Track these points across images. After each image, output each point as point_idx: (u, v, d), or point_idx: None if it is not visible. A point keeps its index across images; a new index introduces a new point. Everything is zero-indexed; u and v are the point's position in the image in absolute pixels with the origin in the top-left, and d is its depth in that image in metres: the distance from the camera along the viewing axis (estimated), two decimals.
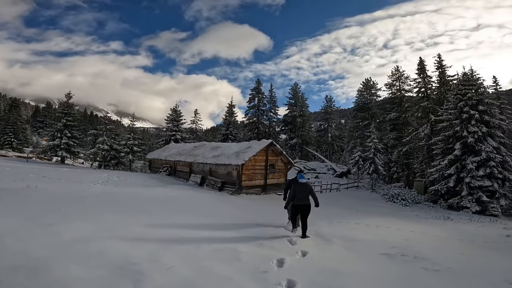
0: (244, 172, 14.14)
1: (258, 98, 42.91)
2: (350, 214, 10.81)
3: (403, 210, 16.43)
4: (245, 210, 9.22)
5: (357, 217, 9.91)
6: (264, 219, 7.89)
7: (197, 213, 7.36)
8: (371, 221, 8.85)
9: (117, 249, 3.93)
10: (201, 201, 9.25)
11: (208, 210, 8.22)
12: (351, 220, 8.93)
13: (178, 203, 8.50)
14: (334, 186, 23.16)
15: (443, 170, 22.00)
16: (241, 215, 8.03)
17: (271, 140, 16.09)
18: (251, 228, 6.44)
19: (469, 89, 22.19)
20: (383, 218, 10.10)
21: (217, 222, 6.74)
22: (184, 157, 18.01)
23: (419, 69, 30.93)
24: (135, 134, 26.49)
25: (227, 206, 9.26)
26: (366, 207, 14.63)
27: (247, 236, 5.52)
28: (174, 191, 10.95)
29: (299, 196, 6.21)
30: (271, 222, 7.57)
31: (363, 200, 19.23)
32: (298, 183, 6.38)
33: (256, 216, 8.24)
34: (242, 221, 7.12)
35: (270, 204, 11.80)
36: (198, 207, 8.25)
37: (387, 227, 7.87)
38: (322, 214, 10.09)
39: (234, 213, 8.26)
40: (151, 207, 7.53)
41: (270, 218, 8.28)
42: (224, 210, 8.64)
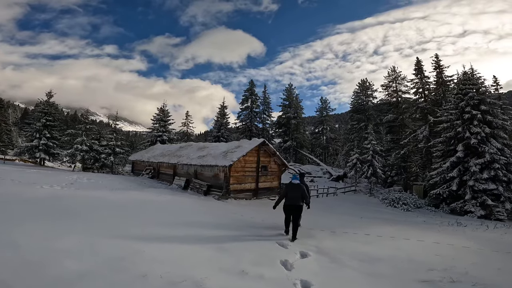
0: (233, 174, 12.53)
1: (252, 100, 41.52)
2: (354, 221, 9.34)
3: (407, 215, 15.04)
4: (229, 218, 7.62)
5: (362, 225, 8.44)
6: (251, 230, 6.35)
7: (155, 225, 5.67)
8: (381, 231, 7.40)
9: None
10: (173, 208, 7.48)
11: (178, 220, 6.53)
12: (357, 229, 7.44)
13: (140, 210, 6.83)
14: (330, 190, 21.73)
15: (445, 173, 20.94)
16: (223, 224, 6.47)
17: (263, 139, 14.56)
18: (231, 243, 4.88)
19: (470, 88, 21.26)
20: (393, 226, 8.67)
21: (182, 238, 5.11)
22: (167, 158, 16.31)
23: (416, 70, 30.11)
24: (118, 134, 24.68)
25: (205, 214, 7.62)
26: (368, 213, 13.18)
27: (222, 261, 3.95)
28: (147, 195, 9.29)
29: (290, 196, 6.27)
30: (260, 233, 6.05)
31: (363, 205, 17.81)
32: (290, 183, 6.45)
33: (241, 226, 6.68)
34: (221, 233, 5.56)
35: (261, 210, 10.24)
36: (164, 216, 6.56)
37: (406, 238, 6.39)
38: (322, 223, 8.61)
39: (212, 223, 6.66)
40: (99, 214, 5.88)
41: (260, 227, 6.75)
42: (200, 218, 7.02)
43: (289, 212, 6.28)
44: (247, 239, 5.51)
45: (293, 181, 6.44)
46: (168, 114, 28.38)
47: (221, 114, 38.25)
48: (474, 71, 23.12)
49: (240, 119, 41.46)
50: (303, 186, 6.54)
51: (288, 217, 6.36)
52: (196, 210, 7.78)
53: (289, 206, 6.25)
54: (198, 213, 7.33)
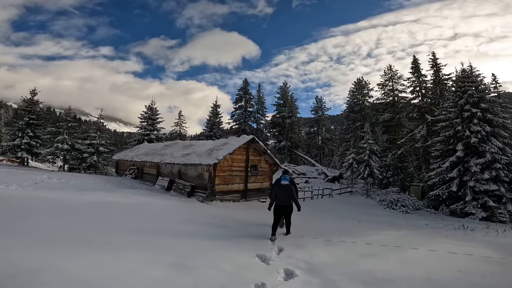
0: (218, 174, 11.40)
1: (246, 99, 40.43)
2: (351, 226, 8.29)
3: (407, 218, 14.05)
4: (207, 223, 6.51)
5: (361, 231, 7.40)
6: (229, 239, 5.26)
7: (101, 232, 4.52)
8: (384, 238, 6.35)
9: None
10: (139, 212, 6.27)
11: (137, 226, 5.37)
12: (356, 236, 6.40)
13: (94, 214, 5.65)
14: (326, 191, 20.71)
15: (444, 174, 20.17)
16: (195, 231, 5.36)
17: (253, 136, 13.48)
18: (197, 257, 3.78)
19: (469, 86, 20.56)
20: (395, 231, 7.64)
21: (130, 250, 3.99)
22: (151, 157, 15.11)
23: (413, 68, 29.47)
24: (103, 133, 23.37)
25: (178, 219, 6.49)
26: (366, 216, 12.14)
27: (173, 286, 2.84)
28: (116, 197, 8.12)
29: (280, 198, 6.27)
30: (240, 242, 4.99)
31: (360, 207, 16.81)
32: (280, 184, 6.42)
33: (217, 234, 5.58)
34: (188, 243, 4.45)
35: (248, 214, 9.17)
36: (121, 222, 5.38)
37: (414, 247, 5.33)
38: (315, 228, 7.53)
39: (181, 230, 5.55)
40: (33, 219, 4.74)
41: (241, 235, 5.68)
42: (169, 224, 5.90)
43: (280, 213, 6.25)
44: (220, 250, 4.42)
45: (282, 181, 6.41)
46: (157, 113, 27.12)
47: (213, 114, 37.02)
48: (473, 69, 22.55)
49: (233, 119, 40.34)
50: (292, 187, 6.41)
51: (277, 221, 6.21)
52: (169, 214, 6.65)
53: (279, 206, 6.23)
54: (169, 218, 6.21)
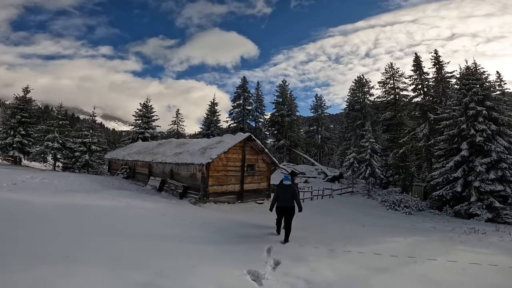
0: (212, 174, 10.67)
1: (244, 97, 39.65)
2: (356, 232, 7.58)
3: (412, 220, 13.37)
4: (194, 229, 5.77)
5: (367, 237, 6.69)
6: (218, 249, 4.55)
7: (44, 244, 3.81)
8: (394, 247, 5.64)
9: None
10: (114, 218, 5.42)
11: (106, 233, 4.63)
12: (362, 244, 5.69)
13: (64, 222, 4.89)
14: (326, 192, 20.01)
15: (448, 173, 19.56)
16: (177, 239, 4.64)
17: (249, 133, 12.75)
18: (170, 274, 3.07)
19: (474, 83, 19.96)
20: (405, 237, 6.92)
21: (80, 267, 3.27)
22: (142, 156, 14.36)
23: (415, 66, 28.76)
24: (95, 130, 22.57)
25: (159, 224, 5.75)
26: (369, 218, 11.44)
27: None
28: (97, 199, 7.34)
29: (282, 198, 6.19)
30: (231, 251, 4.27)
31: (362, 208, 16.12)
32: (281, 185, 6.31)
33: (204, 241, 4.87)
34: (163, 256, 3.74)
35: (244, 217, 8.46)
36: (86, 230, 4.63)
37: (431, 258, 4.62)
38: (316, 234, 6.79)
39: (162, 237, 4.82)
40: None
41: (234, 242, 4.96)
42: (146, 230, 5.16)
43: (282, 214, 6.17)
44: (204, 264, 3.71)
45: (284, 182, 6.29)
46: (152, 110, 26.26)
47: (211, 112, 36.18)
48: (478, 66, 22.02)
49: (231, 117, 39.58)
50: (294, 187, 6.35)
51: (280, 218, 6.25)
52: (153, 219, 5.90)
53: (281, 208, 6.16)
54: (152, 224, 5.46)
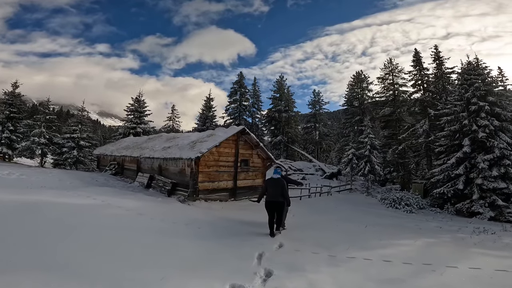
0: (202, 170, 9.88)
1: (241, 92, 38.82)
2: (358, 232, 6.85)
3: (414, 219, 12.71)
4: (175, 233, 5.00)
5: (372, 239, 5.97)
6: (199, 260, 3.80)
7: None
8: (404, 251, 4.93)
9: None
10: (84, 222, 4.69)
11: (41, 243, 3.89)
12: (367, 248, 4.98)
13: (18, 223, 4.11)
14: (324, 189, 19.32)
15: (449, 170, 19.00)
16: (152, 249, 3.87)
17: (243, 126, 11.96)
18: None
19: (475, 78, 19.46)
20: (414, 239, 6.19)
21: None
22: (130, 151, 13.52)
23: (415, 61, 28.16)
24: (84, 125, 21.65)
25: (133, 229, 4.96)
26: (370, 217, 10.74)
27: None
28: (76, 197, 6.47)
29: (270, 192, 5.96)
30: (217, 261, 3.53)
31: (361, 206, 15.44)
32: (271, 178, 6.15)
33: (184, 247, 4.11)
34: (124, 272, 2.99)
35: (236, 216, 7.72)
36: (56, 235, 3.80)
37: (451, 265, 3.91)
38: (314, 235, 6.05)
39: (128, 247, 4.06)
40: None
41: (222, 249, 4.21)
42: (112, 233, 4.39)
43: (271, 209, 5.92)
44: (178, 277, 2.98)
45: (274, 175, 6.11)
46: (144, 105, 25.34)
47: (206, 107, 35.29)
48: (480, 61, 21.54)
49: (228, 113, 38.72)
50: (283, 181, 6.11)
51: (271, 217, 5.92)
52: (129, 220, 5.13)
53: (269, 202, 5.92)
54: (127, 226, 4.69)
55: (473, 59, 21.10)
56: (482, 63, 21.43)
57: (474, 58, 21.23)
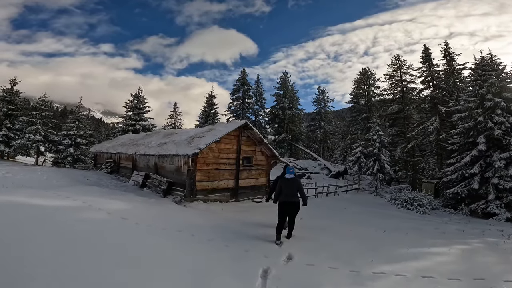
0: (201, 168, 9.01)
1: (243, 90, 37.97)
2: (378, 238, 5.91)
3: (431, 221, 11.73)
4: (166, 247, 4.14)
5: (397, 247, 5.02)
6: (192, 280, 2.95)
7: None
8: (442, 262, 4.03)
9: None
10: (51, 230, 3.89)
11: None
12: (397, 260, 4.09)
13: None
14: (331, 188, 18.38)
15: (463, 169, 18.15)
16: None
17: (245, 121, 11.07)
18: None
19: (490, 74, 18.73)
20: (444, 245, 5.26)
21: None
22: (126, 148, 12.68)
23: (424, 57, 27.30)
24: (81, 122, 20.92)
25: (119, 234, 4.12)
26: (386, 220, 9.80)
27: None
28: (55, 197, 5.61)
29: (286, 192, 5.40)
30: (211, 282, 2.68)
31: (371, 207, 14.51)
32: (285, 178, 5.63)
33: (177, 267, 3.26)
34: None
35: (239, 219, 6.87)
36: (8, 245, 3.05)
37: (508, 280, 3.05)
38: (328, 245, 5.13)
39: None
40: None
41: (220, 260, 3.36)
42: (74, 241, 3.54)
43: (286, 210, 5.36)
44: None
45: (287, 175, 5.64)
46: (144, 101, 24.54)
47: (208, 104, 34.42)
48: (493, 56, 20.82)
49: (230, 111, 37.90)
50: (299, 180, 5.70)
51: (282, 219, 5.34)
52: (102, 225, 4.22)
53: (285, 203, 5.36)
54: (97, 232, 3.81)
55: (487, 55, 20.47)
56: (496, 59, 20.96)
57: (487, 54, 20.64)
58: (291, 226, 5.43)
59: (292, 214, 5.41)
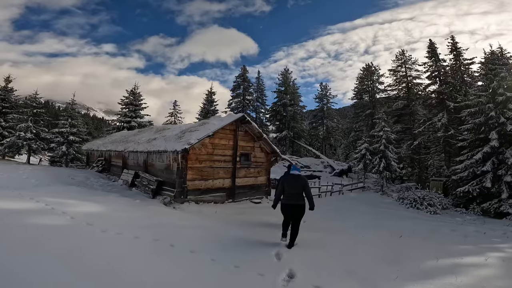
0: (193, 166, 8.12)
1: (244, 86, 37.10)
2: (396, 245, 4.96)
3: (444, 222, 10.78)
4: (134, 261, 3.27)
5: (421, 255, 4.07)
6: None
7: None
8: (484, 276, 3.17)
9: None
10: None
11: None
12: (425, 273, 3.20)
13: None
14: (335, 187, 17.45)
15: (474, 167, 17.23)
16: None
17: (243, 114, 10.17)
18: None
19: (501, 68, 18.07)
20: (477, 253, 4.36)
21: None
22: (115, 145, 11.83)
23: (429, 52, 26.37)
24: (74, 120, 20.07)
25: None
26: (397, 222, 8.88)
27: None
28: (11, 200, 4.89)
29: (290, 192, 4.69)
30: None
31: (379, 207, 13.59)
32: (289, 175, 4.98)
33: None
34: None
35: (234, 223, 6.01)
36: None
37: None
38: (339, 254, 4.32)
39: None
40: None
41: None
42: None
43: (289, 213, 4.71)
44: None
45: (292, 171, 4.94)
46: (140, 98, 23.69)
47: (208, 101, 33.58)
48: (504, 51, 20.15)
49: (231, 108, 37.00)
50: (305, 179, 4.88)
51: (288, 219, 4.79)
52: (44, 239, 3.39)
53: (288, 206, 4.69)
54: (38, 245, 2.98)
55: (497, 49, 19.93)
56: (507, 53, 20.38)
57: (497, 48, 20.11)
58: (294, 233, 4.64)
59: (297, 219, 4.66)
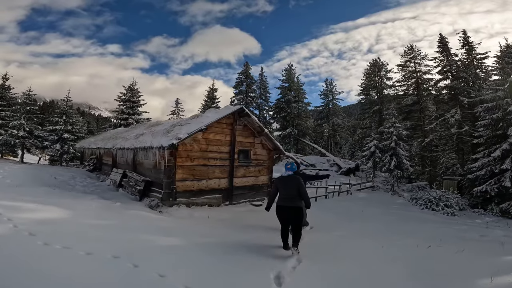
0: (183, 164, 7.11)
1: (247, 83, 36.12)
2: (427, 259, 3.94)
3: (468, 225, 9.64)
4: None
5: (467, 272, 3.14)
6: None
7: None
8: None
9: None
10: None
11: None
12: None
13: None
14: (343, 187, 16.34)
15: (492, 165, 16.14)
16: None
17: (241, 106, 9.16)
18: None
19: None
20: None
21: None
22: (105, 142, 10.93)
23: (440, 47, 25.05)
24: (69, 117, 19.30)
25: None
26: (414, 225, 7.81)
27: None
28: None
29: (283, 194, 4.41)
30: None
31: (391, 209, 12.49)
32: (280, 177, 4.62)
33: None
34: None
35: (229, 233, 5.05)
36: None
37: None
38: (356, 276, 3.31)
39: None
40: None
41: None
42: None
43: (285, 217, 4.31)
44: None
45: (286, 172, 4.52)
46: (138, 94, 22.84)
47: (209, 98, 32.72)
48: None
49: (233, 105, 36.06)
50: (299, 178, 4.42)
51: (285, 227, 4.36)
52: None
53: (282, 208, 4.31)
54: None
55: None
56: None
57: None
58: (296, 233, 4.29)
59: (295, 222, 4.31)
